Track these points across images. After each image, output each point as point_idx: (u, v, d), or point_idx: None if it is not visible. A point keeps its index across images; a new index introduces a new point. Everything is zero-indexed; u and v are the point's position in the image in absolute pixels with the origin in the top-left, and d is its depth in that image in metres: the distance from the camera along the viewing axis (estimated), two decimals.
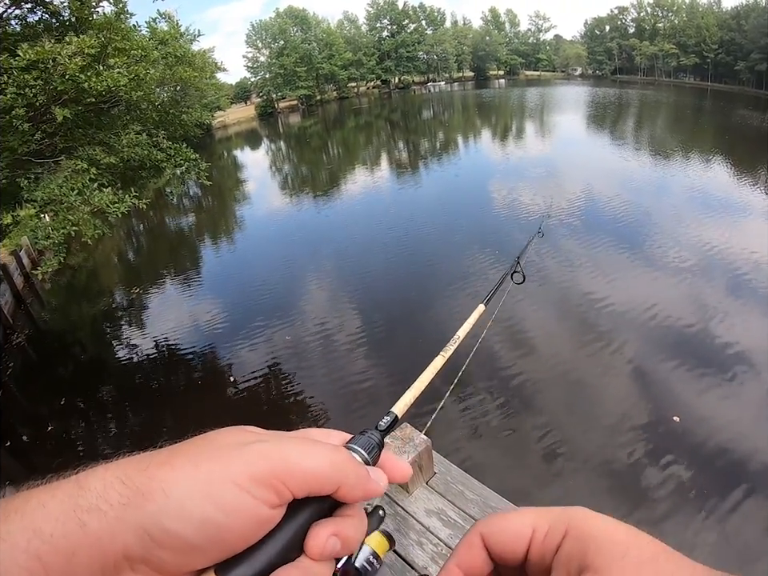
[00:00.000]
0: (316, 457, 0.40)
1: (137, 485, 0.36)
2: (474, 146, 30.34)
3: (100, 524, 0.34)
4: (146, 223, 21.69)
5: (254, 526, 0.37)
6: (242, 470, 0.38)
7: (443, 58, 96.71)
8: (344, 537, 0.41)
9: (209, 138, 54.92)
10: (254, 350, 8.81)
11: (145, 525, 0.35)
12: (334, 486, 0.40)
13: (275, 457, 0.39)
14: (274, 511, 0.38)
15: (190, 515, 0.36)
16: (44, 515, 0.34)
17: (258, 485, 0.37)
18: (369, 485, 0.43)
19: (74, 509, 0.35)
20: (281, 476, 0.38)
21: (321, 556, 0.39)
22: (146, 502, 0.35)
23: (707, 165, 20.32)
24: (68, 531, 0.34)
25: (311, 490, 0.39)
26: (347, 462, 0.42)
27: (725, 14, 74.00)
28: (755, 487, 5.13)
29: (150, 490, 0.36)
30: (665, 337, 7.84)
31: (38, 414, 7.86)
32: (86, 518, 0.34)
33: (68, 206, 6.84)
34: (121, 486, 0.36)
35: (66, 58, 6.25)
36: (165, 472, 0.37)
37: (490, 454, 5.87)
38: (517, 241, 12.01)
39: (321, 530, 0.40)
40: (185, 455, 0.39)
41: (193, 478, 0.37)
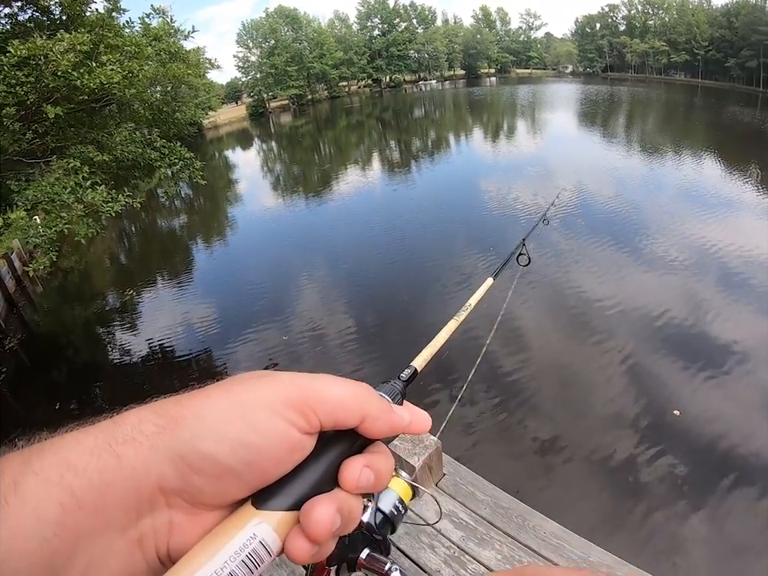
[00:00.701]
0: (342, 388, 0.41)
1: (171, 414, 0.37)
2: (467, 145, 30.36)
3: (135, 455, 0.34)
4: (139, 225, 21.57)
5: (286, 450, 0.38)
6: (274, 395, 0.38)
7: (434, 56, 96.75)
8: (376, 469, 0.41)
9: (200, 138, 54.69)
10: (250, 351, 8.73)
11: (179, 450, 0.35)
12: (359, 416, 0.41)
13: (304, 385, 0.40)
14: (304, 437, 0.39)
15: (225, 437, 0.36)
16: (78, 450, 0.34)
17: (288, 408, 0.38)
18: (392, 417, 0.44)
19: (108, 442, 0.35)
20: (310, 402, 0.39)
21: (356, 487, 0.40)
22: (180, 428, 0.36)
23: (700, 161, 20.38)
24: (102, 465, 0.33)
25: (338, 418, 0.40)
26: (370, 395, 0.43)
27: (715, 11, 74.27)
28: (754, 480, 5.13)
29: (184, 416, 0.36)
30: (667, 331, 7.83)
31: (33, 419, 7.73)
32: (121, 450, 0.34)
33: (60, 203, 6.73)
34: (156, 417, 0.37)
35: (58, 54, 6.14)
36: (199, 400, 0.38)
37: (496, 451, 5.81)
38: (512, 241, 11.94)
39: (354, 462, 0.41)
40: (217, 386, 0.40)
41: (226, 403, 0.38)
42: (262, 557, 0.36)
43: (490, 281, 1.26)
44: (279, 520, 0.37)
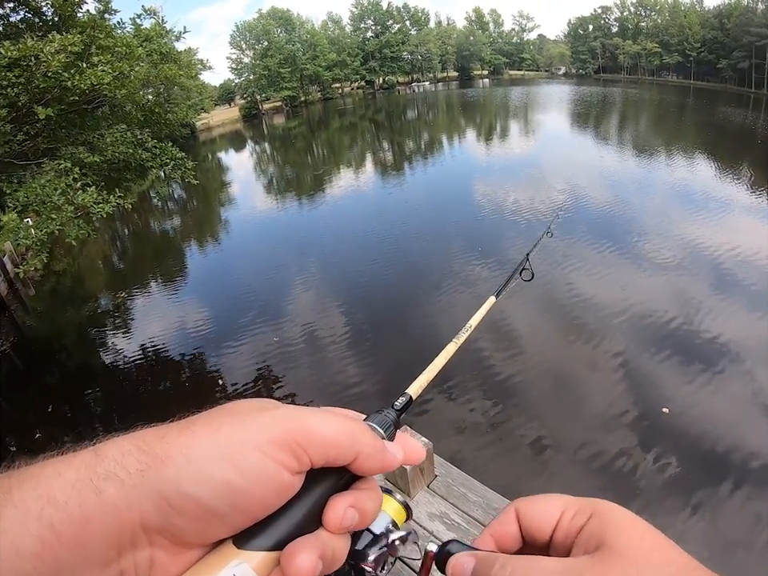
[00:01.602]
0: (335, 425, 0.40)
1: (155, 451, 0.36)
2: (460, 147, 30.37)
3: (117, 492, 0.34)
4: (131, 227, 21.51)
5: (274, 492, 0.37)
6: (263, 434, 0.37)
7: (427, 58, 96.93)
8: (361, 508, 0.40)
9: (193, 139, 54.65)
10: (243, 354, 8.70)
11: (163, 490, 0.34)
12: (352, 455, 0.40)
13: (296, 422, 0.38)
14: (293, 478, 0.38)
15: (210, 478, 0.35)
16: (59, 483, 0.33)
17: (278, 449, 0.37)
18: (385, 455, 0.43)
19: (90, 476, 0.34)
20: (301, 441, 0.37)
21: (339, 528, 0.39)
22: (165, 466, 0.35)
23: (692, 163, 20.50)
24: (83, 500, 0.33)
25: (329, 457, 0.39)
26: (364, 433, 0.42)
27: (707, 12, 74.90)
28: (742, 476, 5.17)
29: (169, 454, 0.35)
30: (661, 332, 7.85)
31: (25, 422, 7.70)
32: (103, 486, 0.34)
33: (51, 205, 6.70)
34: (139, 452, 0.35)
35: (48, 55, 6.12)
36: (184, 437, 0.37)
37: (488, 451, 5.82)
38: (512, 248, 12.01)
39: (339, 501, 0.40)
40: (204, 422, 0.39)
41: (212, 442, 0.37)
42: None
43: (492, 299, 1.20)
44: (260, 560, 0.36)
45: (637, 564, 0.35)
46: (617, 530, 0.37)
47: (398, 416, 0.51)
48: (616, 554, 0.35)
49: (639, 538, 0.37)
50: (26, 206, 6.76)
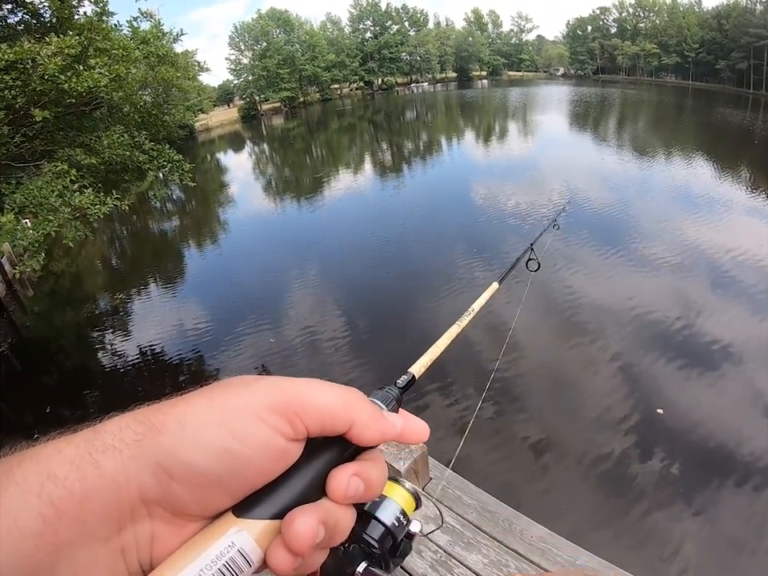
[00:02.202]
0: (329, 393, 0.40)
1: (152, 421, 0.36)
2: (460, 148, 30.36)
3: (115, 463, 0.34)
4: (130, 228, 21.48)
5: (270, 457, 0.37)
6: (258, 401, 0.37)
7: (426, 59, 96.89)
8: (366, 477, 0.40)
9: (192, 140, 54.57)
10: (242, 354, 8.70)
11: (160, 458, 0.34)
12: (348, 422, 0.39)
13: (289, 390, 0.38)
14: (290, 444, 0.37)
15: (206, 444, 0.35)
16: (59, 459, 0.34)
17: (273, 414, 0.37)
18: (383, 423, 0.42)
19: (89, 451, 0.34)
20: (295, 408, 0.37)
21: (344, 497, 0.38)
22: (161, 435, 0.35)
23: (692, 163, 20.48)
24: (83, 474, 0.33)
25: (324, 424, 0.38)
26: (360, 401, 0.42)
27: (706, 13, 74.88)
28: (738, 477, 5.17)
29: (165, 423, 0.36)
30: (658, 333, 7.86)
31: (23, 423, 7.69)
32: (101, 459, 0.34)
33: (48, 207, 6.70)
34: (136, 424, 0.36)
35: (45, 57, 6.12)
36: (180, 407, 0.37)
37: (485, 449, 5.82)
38: (515, 244, 12.05)
39: (342, 469, 0.39)
40: (199, 393, 0.39)
41: (208, 409, 0.37)
42: (240, 566, 0.35)
43: (495, 285, 1.23)
44: (261, 529, 0.36)
45: None
46: None
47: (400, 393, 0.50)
48: None
49: None
50: (23, 207, 6.76)
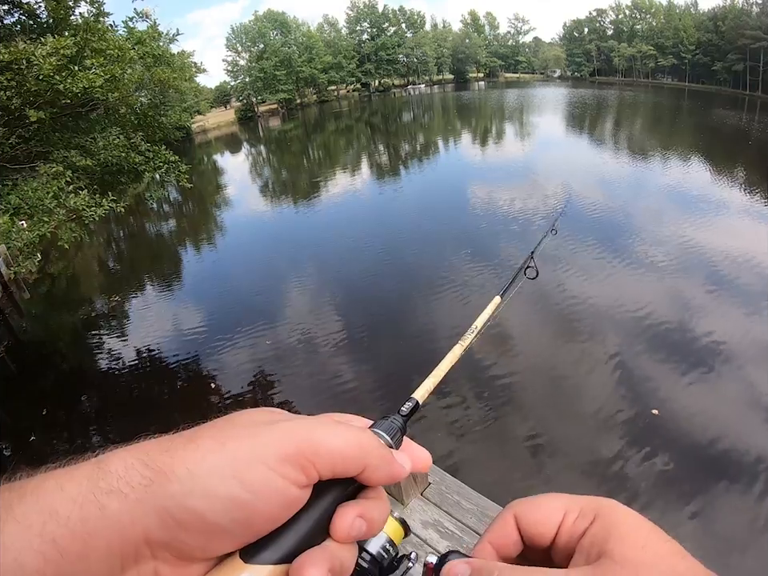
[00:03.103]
0: (343, 437, 0.39)
1: (159, 465, 0.35)
2: (456, 149, 30.41)
3: (120, 507, 0.33)
4: (126, 230, 21.42)
5: (281, 507, 0.36)
6: (270, 449, 0.37)
7: (423, 60, 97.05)
8: (369, 518, 0.40)
9: (188, 142, 54.50)
10: (239, 356, 8.67)
11: (167, 506, 0.34)
12: (360, 467, 0.39)
13: (302, 436, 0.38)
14: (301, 492, 0.37)
15: (216, 494, 0.34)
16: (61, 497, 0.33)
17: (285, 464, 0.36)
18: (394, 467, 0.42)
19: (93, 491, 0.33)
20: (308, 455, 0.37)
21: (347, 538, 0.38)
22: (169, 482, 0.34)
23: (688, 165, 20.54)
24: (86, 514, 0.32)
25: (337, 470, 0.38)
26: (373, 444, 0.41)
27: (702, 15, 75.25)
28: (733, 477, 5.19)
29: (174, 469, 0.35)
30: (655, 334, 7.86)
31: (20, 426, 7.65)
32: (106, 501, 0.33)
33: (43, 208, 6.67)
34: (143, 467, 0.35)
35: (40, 58, 6.09)
36: (189, 451, 0.36)
37: (480, 456, 5.81)
38: (514, 247, 12.03)
39: (347, 511, 0.39)
40: (209, 435, 0.38)
41: (218, 457, 0.36)
42: None
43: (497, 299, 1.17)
44: (267, 575, 0.36)
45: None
46: (620, 536, 0.36)
47: (404, 422, 0.50)
48: (617, 565, 0.34)
49: (642, 546, 0.36)
50: (18, 208, 6.72)
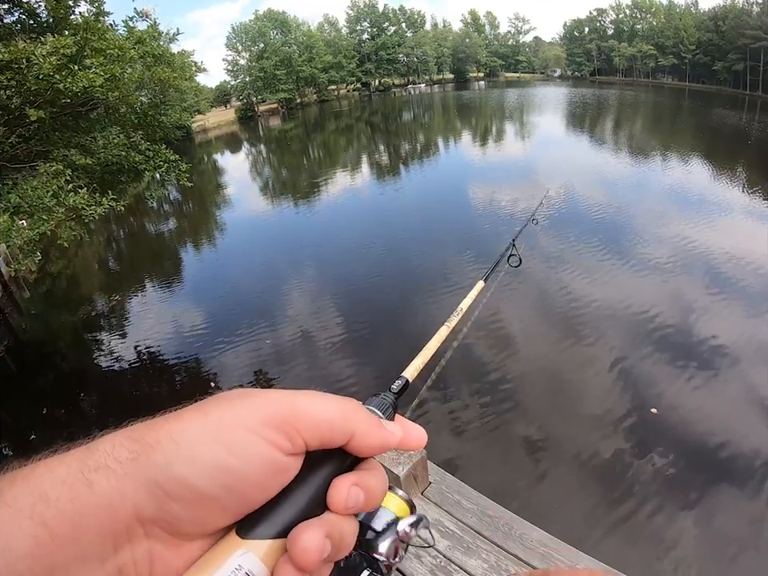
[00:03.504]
0: (326, 405, 0.39)
1: (145, 439, 0.35)
2: (455, 148, 30.39)
3: (108, 482, 0.33)
4: (127, 229, 21.41)
5: (269, 473, 0.36)
6: (253, 414, 0.37)
7: (423, 60, 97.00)
8: (365, 487, 0.39)
9: (189, 141, 54.48)
10: (239, 355, 8.65)
11: (155, 476, 0.34)
12: (347, 434, 0.39)
13: (285, 402, 0.38)
14: (288, 459, 0.37)
15: (202, 460, 0.34)
16: (51, 479, 0.33)
17: (268, 428, 0.36)
18: (382, 432, 0.41)
19: (81, 470, 0.33)
20: (292, 421, 0.37)
21: (344, 508, 0.38)
22: (155, 452, 0.34)
23: (687, 164, 20.55)
24: (75, 494, 0.32)
25: (323, 437, 0.38)
26: (358, 411, 0.41)
27: (702, 15, 75.21)
28: (733, 474, 5.18)
29: (158, 440, 0.35)
30: (648, 332, 7.86)
31: (19, 425, 7.65)
32: (94, 478, 0.33)
33: (43, 207, 6.67)
34: (129, 442, 0.35)
35: (40, 57, 6.09)
36: (173, 423, 0.36)
37: (479, 451, 5.80)
38: (503, 240, 12.02)
39: (342, 480, 0.39)
40: (193, 408, 0.38)
41: (201, 424, 0.36)
42: None
43: (480, 284, 1.23)
44: (266, 549, 0.35)
45: None
46: None
47: (395, 398, 0.50)
48: None
49: None
50: (18, 207, 6.72)
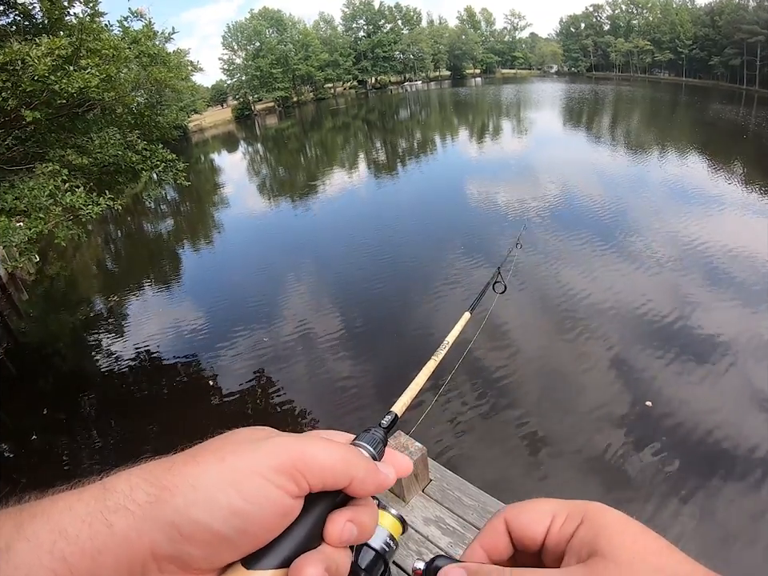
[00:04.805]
0: (330, 452, 0.42)
1: (163, 482, 0.37)
2: (452, 146, 30.30)
3: (127, 523, 0.35)
4: (124, 230, 21.39)
5: (277, 515, 0.38)
6: (265, 462, 0.39)
7: (419, 57, 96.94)
8: (359, 522, 0.42)
9: (185, 141, 54.40)
10: (237, 356, 8.68)
11: (172, 519, 0.35)
12: (347, 479, 0.42)
13: (294, 450, 0.40)
14: (294, 502, 0.39)
15: (219, 506, 0.36)
16: (70, 517, 0.35)
17: (280, 475, 0.39)
18: (379, 477, 0.44)
19: (100, 510, 0.35)
20: (300, 467, 0.39)
21: (339, 541, 0.41)
22: (173, 496, 0.36)
23: (683, 158, 20.56)
24: (94, 532, 0.34)
25: (326, 482, 0.41)
26: (358, 458, 0.44)
27: (699, 10, 75.22)
28: (728, 467, 5.22)
29: (176, 484, 0.37)
30: (640, 327, 7.92)
31: (20, 427, 7.65)
32: (113, 519, 0.35)
33: (39, 206, 6.66)
34: (147, 485, 0.37)
35: (35, 58, 6.08)
36: (190, 467, 0.38)
37: (479, 448, 5.83)
38: (497, 240, 12.05)
39: (337, 516, 0.42)
40: (208, 452, 0.40)
41: (218, 470, 0.38)
42: None
43: (467, 315, 1.25)
44: None
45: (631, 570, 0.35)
46: (608, 536, 0.38)
47: (385, 433, 0.53)
48: (609, 561, 0.36)
49: (632, 542, 0.37)
50: (14, 207, 6.71)
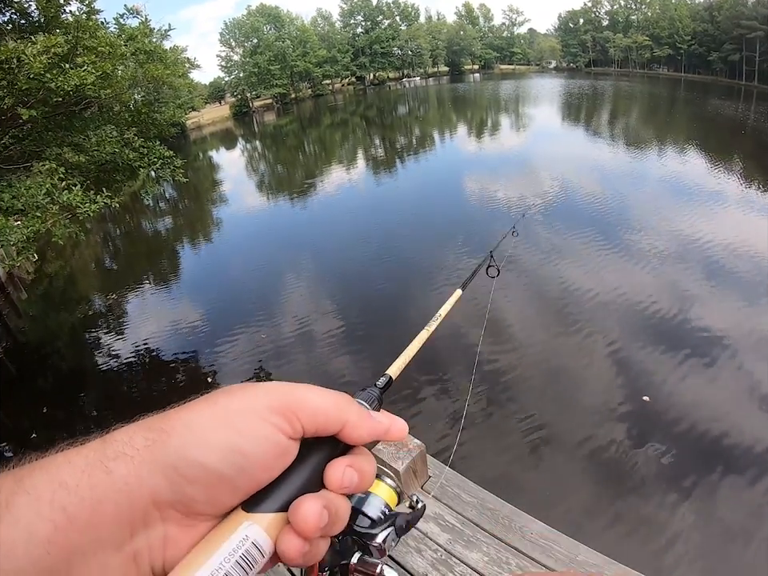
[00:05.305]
0: (322, 396, 0.43)
1: (160, 426, 0.37)
2: (450, 142, 30.27)
3: (127, 469, 0.35)
4: (123, 228, 21.36)
5: (273, 455, 0.39)
6: (259, 402, 0.40)
7: (418, 53, 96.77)
8: (359, 468, 0.43)
9: (183, 138, 54.32)
10: (236, 351, 8.66)
11: (171, 461, 0.36)
12: (340, 423, 0.42)
13: (286, 392, 0.41)
14: (290, 442, 0.40)
15: (215, 443, 0.37)
16: (70, 468, 0.34)
17: (274, 414, 0.39)
18: (372, 423, 0.45)
19: (100, 459, 0.35)
20: (293, 408, 0.40)
21: (340, 486, 0.41)
22: (170, 437, 0.36)
23: (681, 154, 20.55)
24: (94, 481, 0.34)
25: (318, 424, 0.41)
26: (350, 403, 0.45)
27: (697, 5, 75.18)
28: (729, 462, 5.20)
29: (173, 427, 0.37)
30: (638, 322, 7.90)
31: (20, 426, 7.64)
32: (112, 466, 0.35)
33: (36, 204, 6.63)
34: (145, 431, 0.37)
35: (31, 56, 6.04)
36: (184, 412, 0.39)
37: (477, 444, 5.81)
38: (494, 230, 12.03)
39: (338, 462, 0.42)
40: (203, 399, 0.41)
41: (212, 410, 0.39)
42: (255, 557, 0.37)
43: (458, 292, 1.30)
44: (270, 521, 0.38)
45: None
46: None
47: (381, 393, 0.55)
48: None
49: None
50: (12, 206, 6.68)
